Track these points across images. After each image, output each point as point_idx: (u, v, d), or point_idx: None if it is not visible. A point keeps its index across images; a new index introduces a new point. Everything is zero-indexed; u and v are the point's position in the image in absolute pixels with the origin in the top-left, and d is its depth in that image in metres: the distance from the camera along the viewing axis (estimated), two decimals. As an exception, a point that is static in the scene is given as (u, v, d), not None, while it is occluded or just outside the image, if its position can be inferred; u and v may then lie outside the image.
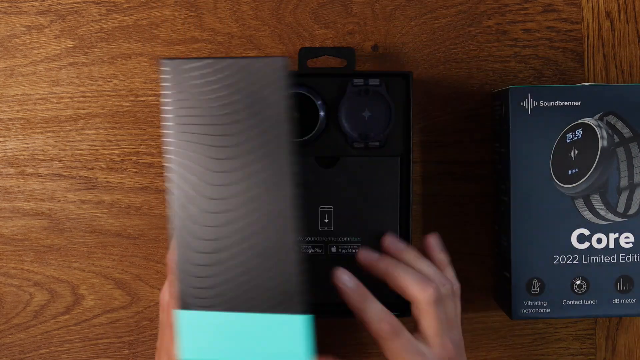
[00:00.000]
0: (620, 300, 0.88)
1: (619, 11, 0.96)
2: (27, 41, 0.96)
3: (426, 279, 0.80)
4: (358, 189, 0.89)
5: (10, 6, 0.96)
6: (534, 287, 0.88)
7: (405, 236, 0.89)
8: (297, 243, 0.73)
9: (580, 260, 0.88)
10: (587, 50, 0.96)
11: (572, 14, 0.96)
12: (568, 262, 0.88)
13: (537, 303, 0.89)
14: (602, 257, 0.88)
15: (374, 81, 0.88)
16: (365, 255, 0.84)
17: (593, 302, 0.88)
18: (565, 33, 0.96)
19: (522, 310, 0.89)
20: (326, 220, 0.89)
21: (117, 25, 0.96)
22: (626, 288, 0.88)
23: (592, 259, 0.88)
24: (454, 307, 0.83)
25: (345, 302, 0.80)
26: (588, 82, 0.94)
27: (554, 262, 0.88)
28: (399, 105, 0.89)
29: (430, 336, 0.79)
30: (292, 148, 0.72)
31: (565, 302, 0.89)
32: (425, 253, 0.86)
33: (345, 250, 0.90)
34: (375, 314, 0.78)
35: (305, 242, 0.89)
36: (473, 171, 0.96)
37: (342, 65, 0.95)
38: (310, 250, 0.90)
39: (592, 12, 0.96)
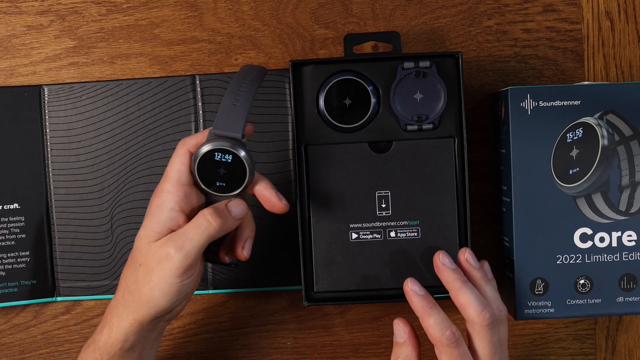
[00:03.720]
0: (624, 299, 0.88)
1: (619, 11, 0.96)
2: (27, 41, 0.96)
3: (485, 304, 0.83)
4: (413, 172, 0.90)
5: (10, 6, 0.96)
6: (537, 288, 0.88)
7: (463, 216, 0.90)
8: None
9: (583, 259, 0.88)
10: (587, 50, 0.96)
11: (572, 14, 0.96)
12: (571, 262, 0.88)
13: (541, 303, 0.89)
14: (605, 255, 0.88)
15: (424, 63, 0.89)
16: (444, 260, 0.85)
17: (597, 301, 0.88)
18: (565, 33, 0.96)
19: (526, 311, 0.89)
20: (383, 206, 0.90)
21: (117, 25, 0.96)
22: (630, 286, 0.88)
23: (595, 258, 0.88)
24: (505, 331, 0.85)
25: (413, 308, 0.83)
26: (587, 81, 0.94)
27: (557, 262, 0.88)
28: (449, 86, 0.89)
29: (482, 356, 0.83)
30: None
31: (569, 301, 0.89)
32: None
33: (404, 235, 0.90)
34: (441, 321, 0.82)
35: (363, 228, 0.90)
36: (474, 172, 0.96)
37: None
38: (369, 237, 0.90)
39: (592, 12, 0.96)
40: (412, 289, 0.83)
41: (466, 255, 0.86)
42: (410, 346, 0.85)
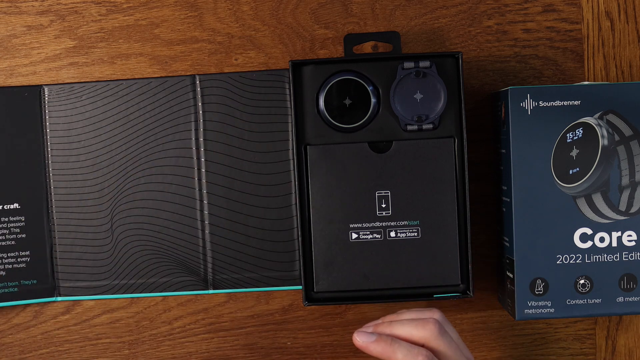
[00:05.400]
0: (624, 299, 0.88)
1: (619, 11, 0.96)
2: (27, 41, 0.96)
3: (420, 320, 0.83)
4: (413, 172, 0.90)
5: (10, 6, 0.96)
6: (537, 287, 0.88)
7: (463, 216, 0.90)
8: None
9: (583, 259, 0.88)
10: (587, 50, 0.96)
11: (572, 14, 0.96)
12: (571, 262, 0.88)
13: (541, 303, 0.89)
14: (605, 255, 0.88)
15: (424, 63, 0.89)
16: (362, 338, 0.83)
17: (597, 301, 0.88)
18: (565, 33, 0.96)
19: (526, 311, 0.89)
20: (383, 206, 0.90)
21: (117, 25, 0.96)
22: (630, 286, 0.88)
23: (595, 258, 0.88)
24: (452, 328, 0.85)
25: (375, 355, 0.82)
26: (587, 81, 0.94)
27: (557, 262, 0.88)
28: (449, 86, 0.89)
29: None
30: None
31: (569, 301, 0.89)
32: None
33: (404, 235, 0.90)
34: (407, 352, 0.81)
35: (363, 228, 0.90)
36: (474, 172, 0.96)
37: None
38: (369, 237, 0.90)
39: (592, 12, 0.96)
40: (363, 340, 0.82)
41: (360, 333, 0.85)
42: None
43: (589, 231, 0.88)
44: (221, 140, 0.96)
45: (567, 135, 0.87)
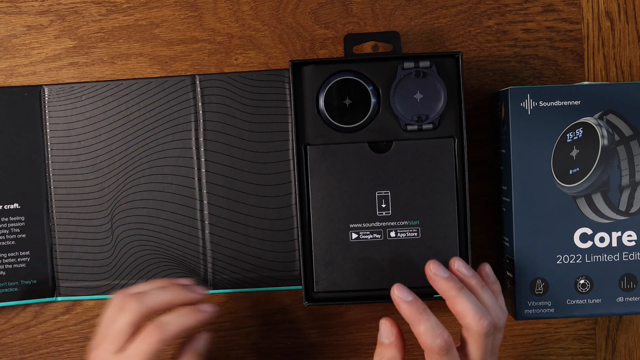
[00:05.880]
0: (624, 299, 0.88)
1: (619, 11, 0.96)
2: (27, 41, 0.96)
3: (483, 311, 0.81)
4: (413, 172, 0.90)
5: (10, 6, 0.96)
6: (537, 288, 0.89)
7: (463, 216, 0.90)
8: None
9: (583, 259, 0.88)
10: (587, 50, 0.96)
11: (572, 14, 0.96)
12: (571, 262, 0.88)
13: (541, 303, 0.89)
14: (605, 255, 0.88)
15: (424, 63, 0.89)
16: (435, 269, 0.84)
17: (597, 301, 0.89)
18: (565, 33, 0.96)
19: (526, 311, 0.89)
20: (383, 206, 0.90)
21: (117, 25, 0.96)
22: (630, 286, 0.88)
23: (595, 258, 0.88)
24: (500, 337, 0.85)
25: (402, 314, 0.83)
26: (587, 81, 0.94)
27: (557, 262, 0.88)
28: (449, 86, 0.89)
29: None
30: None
31: (569, 301, 0.89)
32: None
33: (404, 235, 0.90)
34: (432, 328, 0.80)
35: (363, 228, 0.90)
36: (474, 172, 0.96)
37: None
38: (369, 237, 0.90)
39: (592, 12, 0.96)
40: (399, 296, 0.82)
41: (456, 266, 0.85)
42: (395, 348, 0.84)
43: (589, 231, 0.88)
44: (221, 140, 0.96)
45: (567, 135, 0.87)
